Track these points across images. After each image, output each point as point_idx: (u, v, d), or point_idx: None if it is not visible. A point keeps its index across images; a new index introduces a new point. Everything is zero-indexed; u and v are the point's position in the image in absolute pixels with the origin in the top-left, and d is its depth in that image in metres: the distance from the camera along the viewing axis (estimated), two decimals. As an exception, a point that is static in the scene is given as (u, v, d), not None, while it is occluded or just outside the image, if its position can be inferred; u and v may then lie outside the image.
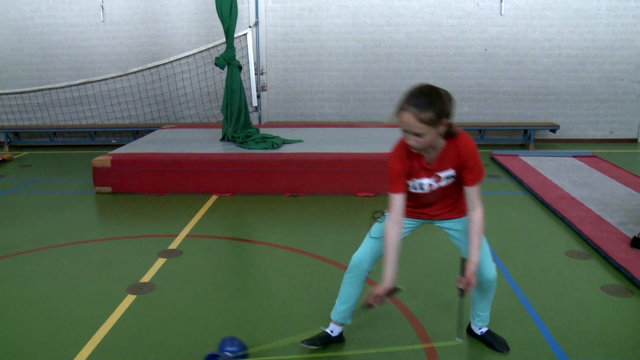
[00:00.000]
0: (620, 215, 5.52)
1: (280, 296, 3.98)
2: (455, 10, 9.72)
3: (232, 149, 7.19)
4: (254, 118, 9.81)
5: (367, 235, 3.09)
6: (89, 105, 10.17)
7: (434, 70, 9.90)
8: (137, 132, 9.84)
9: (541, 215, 5.81)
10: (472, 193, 2.80)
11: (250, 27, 9.71)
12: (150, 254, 4.73)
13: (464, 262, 2.81)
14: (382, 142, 7.39)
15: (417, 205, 2.97)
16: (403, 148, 2.76)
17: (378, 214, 3.09)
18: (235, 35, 8.00)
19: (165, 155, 6.86)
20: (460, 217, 2.98)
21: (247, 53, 9.70)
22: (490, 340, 3.27)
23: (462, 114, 9.88)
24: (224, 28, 7.43)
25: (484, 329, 3.31)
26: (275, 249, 4.88)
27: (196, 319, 3.64)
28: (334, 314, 3.27)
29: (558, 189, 6.52)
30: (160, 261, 4.59)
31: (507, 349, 3.23)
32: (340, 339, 3.33)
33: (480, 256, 2.85)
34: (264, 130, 8.15)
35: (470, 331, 3.39)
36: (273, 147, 7.14)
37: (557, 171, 7.43)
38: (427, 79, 9.75)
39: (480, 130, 9.66)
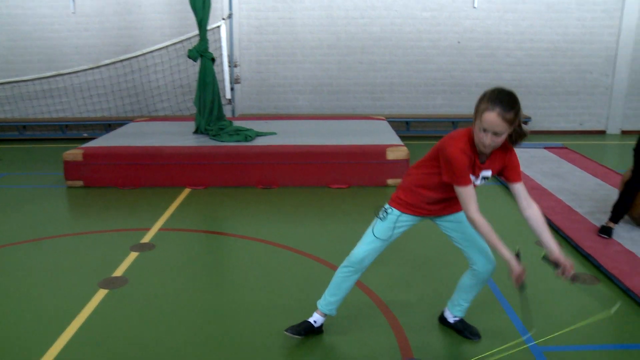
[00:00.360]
0: (589, 205, 5.62)
1: (254, 289, 3.98)
2: (429, 3, 9.77)
3: (205, 141, 7.16)
4: (227, 111, 9.75)
5: (371, 233, 3.09)
6: (59, 98, 10.03)
7: (407, 62, 9.94)
8: (109, 126, 9.73)
9: (512, 205, 5.88)
10: (522, 189, 2.86)
11: (223, 19, 9.63)
12: (123, 248, 4.69)
13: (545, 259, 2.84)
14: (355, 135, 7.43)
15: (438, 200, 2.98)
16: (467, 144, 2.77)
17: (378, 209, 3.09)
18: (209, 28, 7.94)
19: (138, 148, 6.80)
20: (454, 212, 3.06)
21: (221, 45, 9.62)
22: (462, 329, 3.32)
23: (435, 106, 9.95)
24: (197, 20, 7.38)
25: (457, 318, 3.35)
26: (249, 242, 4.88)
27: (169, 313, 3.62)
28: (322, 305, 3.27)
29: (529, 179, 6.61)
30: (133, 255, 4.55)
31: (479, 337, 3.28)
32: (320, 330, 3.35)
33: (480, 246, 3.03)
34: (237, 123, 8.11)
35: (442, 319, 3.43)
36: (246, 140, 7.11)
37: (529, 162, 7.53)
38: (400, 71, 9.86)
39: (453, 123, 9.73)
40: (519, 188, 2.85)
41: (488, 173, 2.86)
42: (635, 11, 9.80)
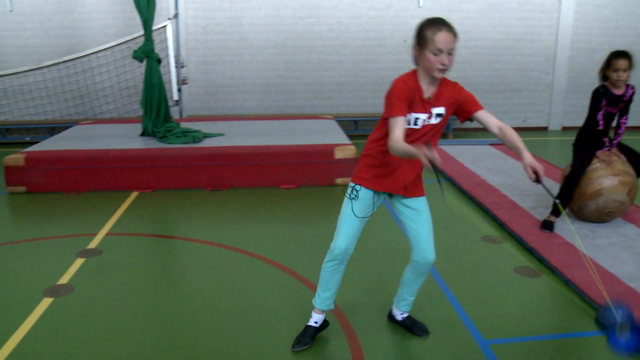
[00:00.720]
0: (532, 200, 5.78)
1: (203, 292, 3.95)
2: (376, 3, 9.87)
3: (152, 144, 7.06)
4: (174, 112, 9.63)
5: (349, 216, 3.06)
6: (-1, 101, 9.72)
7: (355, 61, 10.02)
8: (53, 129, 9.47)
9: (460, 201, 6.01)
10: (487, 115, 2.99)
11: (169, 19, 9.51)
12: (69, 255, 4.59)
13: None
14: (304, 134, 7.45)
15: (390, 162, 2.99)
16: (411, 78, 2.90)
17: (347, 188, 3.11)
18: (154, 28, 7.83)
19: (83, 152, 6.66)
20: (418, 196, 3.11)
21: (167, 46, 9.51)
22: (411, 325, 3.38)
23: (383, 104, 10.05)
24: (142, 20, 7.27)
25: (405, 314, 3.41)
26: (198, 245, 4.84)
27: (118, 319, 3.57)
28: (318, 303, 3.26)
29: (475, 176, 6.76)
30: (79, 261, 4.46)
31: (427, 333, 3.34)
32: (325, 325, 3.36)
33: (425, 238, 3.08)
34: (184, 125, 8.03)
35: (390, 317, 3.49)
36: (194, 141, 7.05)
37: (475, 159, 7.69)
38: (348, 70, 9.93)
39: (401, 121, 9.83)
40: (483, 115, 2.99)
41: (441, 110, 2.93)
42: (570, 12, 10.14)
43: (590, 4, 10.19)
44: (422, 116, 2.90)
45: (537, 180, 2.80)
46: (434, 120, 2.93)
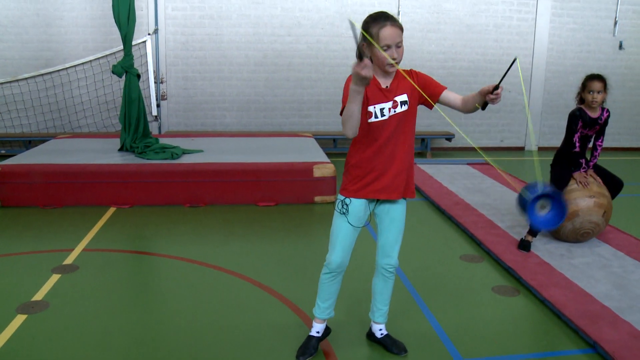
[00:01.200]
0: (509, 219, 5.85)
1: (181, 309, 3.91)
2: (355, 22, 9.94)
3: (130, 159, 7.01)
4: (153, 128, 9.61)
5: (341, 229, 3.10)
6: (-26, 114, 9.58)
7: (334, 80, 10.08)
8: (29, 142, 9.37)
9: (437, 221, 6.06)
10: (449, 92, 3.03)
11: (149, 34, 9.51)
12: (44, 271, 4.52)
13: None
14: (283, 152, 7.46)
15: (373, 153, 3.00)
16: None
17: (337, 202, 3.13)
18: (134, 43, 7.81)
19: (60, 166, 6.58)
20: (408, 197, 3.13)
21: (147, 61, 9.49)
22: (389, 344, 3.38)
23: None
24: (121, 35, 7.24)
25: (384, 331, 3.42)
26: (176, 261, 4.80)
27: (94, 336, 3.51)
28: (318, 313, 3.30)
29: (453, 195, 6.82)
30: (55, 277, 4.39)
31: (405, 351, 3.35)
32: (327, 332, 3.41)
33: (391, 242, 3.15)
34: (163, 140, 7.99)
35: (369, 335, 3.49)
36: (173, 158, 7.02)
37: (453, 178, 7.76)
38: (327, 89, 9.99)
39: (380, 139, 9.90)
40: (448, 94, 3.03)
41: (404, 97, 2.98)
42: (545, 35, 10.38)
43: (564, 28, 10.43)
44: (386, 105, 2.95)
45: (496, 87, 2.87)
46: (400, 109, 2.98)
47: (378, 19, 2.85)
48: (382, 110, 2.95)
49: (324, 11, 9.93)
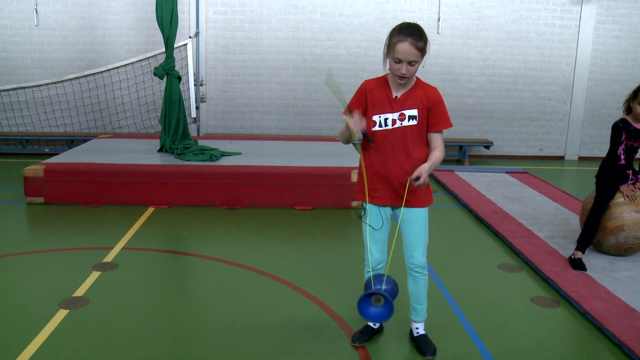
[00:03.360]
0: (549, 229, 5.75)
1: (217, 309, 3.95)
2: (394, 28, 9.93)
3: (169, 160, 7.10)
4: (192, 129, 9.73)
5: (367, 231, 3.23)
6: (20, 112, 9.83)
7: (373, 85, 10.04)
8: (72, 141, 9.58)
9: (475, 229, 5.99)
10: (436, 137, 3.09)
11: (190, 37, 9.64)
12: (85, 267, 4.60)
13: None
14: (320, 156, 7.48)
15: (376, 160, 3.10)
16: (379, 80, 3.10)
17: (359, 210, 3.25)
18: (175, 46, 7.93)
19: (101, 165, 6.71)
20: (418, 206, 3.17)
21: (187, 64, 9.62)
22: (421, 344, 3.39)
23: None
24: (163, 38, 7.36)
25: (421, 331, 3.45)
26: (212, 262, 4.84)
27: (131, 334, 3.57)
28: None
29: (491, 203, 6.73)
30: (95, 274, 4.48)
31: (432, 355, 3.34)
32: (380, 328, 3.55)
33: (413, 243, 3.21)
34: (202, 142, 8.08)
35: (410, 333, 3.54)
36: (211, 160, 7.09)
37: (491, 186, 7.67)
38: (366, 94, 9.92)
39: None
40: (433, 137, 3.11)
41: (413, 112, 3.02)
42: (588, 43, 10.17)
43: (609, 35, 10.21)
44: (391, 116, 3.02)
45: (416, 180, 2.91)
46: (407, 122, 3.01)
47: (402, 32, 2.91)
48: (386, 120, 3.04)
49: (364, 16, 9.92)
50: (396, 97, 3.03)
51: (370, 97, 3.10)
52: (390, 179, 3.11)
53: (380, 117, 3.05)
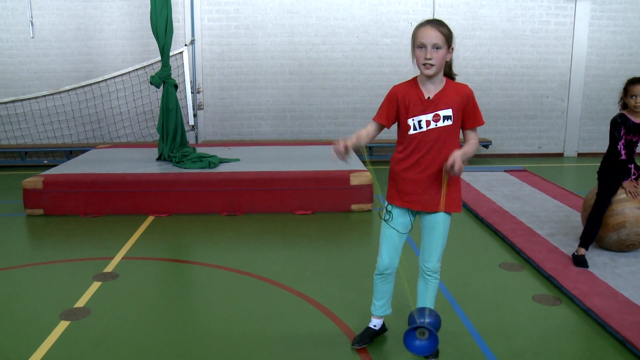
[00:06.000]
0: (549, 226, 5.74)
1: (218, 317, 3.94)
2: (390, 30, 9.95)
3: (168, 168, 7.10)
4: (190, 137, 9.73)
5: (385, 234, 3.24)
6: (18, 125, 9.83)
7: (369, 88, 10.06)
8: (70, 152, 9.58)
9: (475, 228, 5.98)
10: (470, 133, 3.12)
11: (186, 45, 9.65)
12: (85, 278, 4.60)
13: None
14: (319, 160, 7.47)
15: (411, 164, 3.07)
16: (408, 82, 3.07)
17: (382, 212, 3.26)
18: (171, 54, 7.94)
19: (100, 175, 6.71)
20: (447, 211, 3.14)
21: (184, 71, 9.64)
22: None
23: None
24: (159, 46, 7.36)
25: None
26: (214, 270, 4.84)
27: (134, 343, 3.56)
28: (374, 310, 3.47)
29: (491, 202, 6.73)
30: (96, 285, 4.47)
31: (435, 357, 3.32)
32: (383, 328, 3.56)
33: (430, 248, 3.20)
34: (200, 150, 8.08)
35: None
36: (210, 167, 7.09)
37: (490, 185, 7.66)
38: (363, 97, 9.98)
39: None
40: (468, 133, 3.14)
41: (448, 112, 2.99)
42: (584, 39, 10.18)
43: (604, 31, 10.22)
44: (424, 117, 2.98)
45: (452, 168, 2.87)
46: (442, 123, 2.98)
47: (422, 22, 2.94)
48: (419, 122, 2.99)
49: (359, 19, 9.93)
50: (429, 97, 2.98)
51: (402, 101, 3.04)
52: (422, 182, 3.07)
53: (414, 120, 2.99)
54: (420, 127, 2.98)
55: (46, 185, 6.50)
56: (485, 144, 9.90)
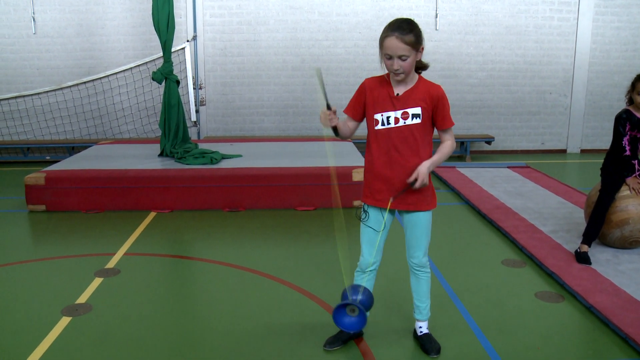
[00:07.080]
0: (552, 223, 5.72)
1: (220, 313, 3.94)
2: (392, 26, 9.91)
3: (170, 164, 7.10)
4: (192, 133, 9.73)
5: (364, 232, 3.27)
6: (20, 121, 9.83)
7: (372, 84, 10.02)
8: (72, 148, 9.58)
9: (478, 225, 5.97)
10: (444, 133, 3.11)
11: (188, 41, 9.63)
12: (87, 274, 4.60)
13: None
14: (321, 156, 7.46)
15: (383, 162, 3.07)
16: (378, 78, 3.08)
17: (359, 211, 3.26)
18: (173, 50, 7.93)
19: (102, 171, 6.71)
20: (423, 209, 3.15)
21: (186, 67, 9.62)
22: (425, 342, 3.37)
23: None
24: (161, 42, 7.35)
25: (424, 330, 3.42)
26: (216, 266, 4.83)
27: (135, 339, 3.56)
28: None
29: (494, 199, 6.71)
30: (97, 281, 4.47)
31: (436, 353, 3.31)
32: (358, 334, 3.52)
33: (413, 244, 3.20)
34: (202, 146, 8.08)
35: (414, 333, 3.51)
36: (212, 163, 7.08)
37: (493, 182, 7.64)
38: (365, 93, 9.91)
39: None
40: (442, 134, 3.13)
41: (416, 110, 2.99)
42: (587, 35, 10.13)
43: (608, 26, 10.17)
44: (394, 114, 3.00)
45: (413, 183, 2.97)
46: (411, 121, 2.99)
47: (389, 28, 2.88)
48: (388, 118, 3.01)
49: (361, 15, 9.90)
50: (397, 94, 2.99)
51: (370, 95, 3.08)
52: (393, 180, 3.07)
53: (382, 115, 3.02)
54: (389, 123, 3.01)
55: (48, 181, 6.49)
56: (488, 140, 9.88)
